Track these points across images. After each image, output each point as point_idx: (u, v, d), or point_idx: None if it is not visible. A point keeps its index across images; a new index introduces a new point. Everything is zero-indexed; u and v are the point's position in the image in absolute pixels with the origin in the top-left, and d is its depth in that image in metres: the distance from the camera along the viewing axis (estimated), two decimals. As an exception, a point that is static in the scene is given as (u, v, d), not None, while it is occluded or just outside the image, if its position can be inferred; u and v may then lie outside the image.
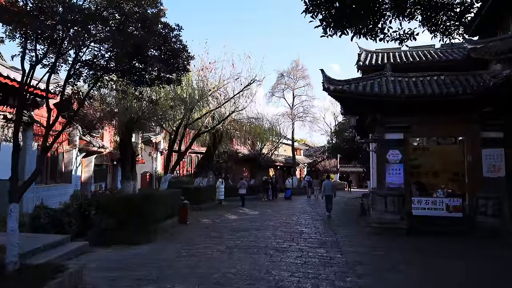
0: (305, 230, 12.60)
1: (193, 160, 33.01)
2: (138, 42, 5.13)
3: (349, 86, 12.12)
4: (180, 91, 10.62)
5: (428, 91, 11.59)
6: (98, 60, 6.09)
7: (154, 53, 5.93)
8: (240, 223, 14.48)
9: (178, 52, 5.98)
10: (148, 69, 6.04)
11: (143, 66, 5.96)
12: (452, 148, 14.70)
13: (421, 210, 12.12)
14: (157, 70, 6.07)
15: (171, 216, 13.22)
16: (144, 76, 6.08)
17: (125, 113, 9.71)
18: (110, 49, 5.78)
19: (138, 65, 5.93)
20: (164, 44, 5.72)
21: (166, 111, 11.19)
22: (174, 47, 5.87)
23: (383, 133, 12.52)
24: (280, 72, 37.40)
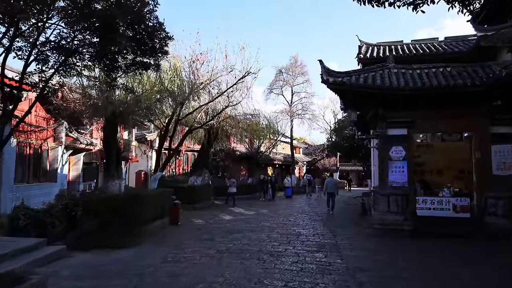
0: (303, 231, 11.86)
1: (189, 159, 32.25)
2: (105, 16, 4.38)
3: (349, 78, 11.37)
4: (168, 83, 9.85)
5: (434, 83, 10.85)
6: (67, 42, 5.33)
7: (127, 33, 5.18)
8: (235, 224, 13.74)
9: (154, 31, 5.24)
10: (122, 52, 5.30)
11: (116, 49, 5.21)
12: (457, 145, 13.97)
13: (426, 210, 11.37)
14: (131, 53, 5.32)
15: (161, 216, 12.48)
16: (117, 61, 5.34)
17: (107, 106, 8.97)
18: (78, 29, 5.02)
19: (110, 48, 5.18)
20: (137, 21, 4.96)
21: (153, 105, 10.42)
22: (149, 25, 5.12)
23: (386, 128, 11.78)
24: (279, 69, 36.70)
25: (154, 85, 9.65)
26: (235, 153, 31.55)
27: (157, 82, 9.49)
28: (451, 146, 14.17)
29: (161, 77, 9.28)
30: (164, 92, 9.76)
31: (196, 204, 18.55)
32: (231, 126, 19.37)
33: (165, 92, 9.72)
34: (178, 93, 10.35)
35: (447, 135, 14.66)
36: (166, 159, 13.73)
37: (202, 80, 12.37)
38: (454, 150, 13.63)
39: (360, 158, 36.01)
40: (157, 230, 11.67)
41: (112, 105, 9.06)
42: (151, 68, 6.20)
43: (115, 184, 10.37)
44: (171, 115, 12.57)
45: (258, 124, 20.01)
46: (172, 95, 10.00)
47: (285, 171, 40.93)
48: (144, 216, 10.67)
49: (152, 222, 11.50)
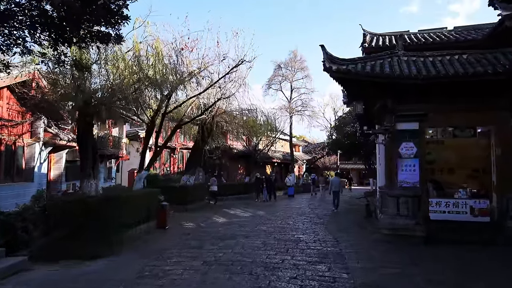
0: (303, 237, 10.67)
1: (185, 156, 31.09)
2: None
3: (355, 66, 10.17)
4: (150, 70, 8.62)
5: (450, 71, 9.65)
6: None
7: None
8: (228, 227, 12.55)
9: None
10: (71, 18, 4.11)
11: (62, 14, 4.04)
12: (470, 141, 12.71)
13: (440, 213, 10.22)
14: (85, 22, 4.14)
15: (146, 220, 11.31)
16: (65, 30, 4.17)
17: (77, 94, 7.78)
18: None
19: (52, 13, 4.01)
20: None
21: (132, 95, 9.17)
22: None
23: (395, 122, 10.59)
24: (277, 64, 35.51)
25: (133, 72, 8.44)
26: (232, 151, 30.36)
27: (136, 69, 8.29)
28: (464, 142, 12.90)
29: (140, 62, 8.08)
30: (145, 80, 8.55)
31: (189, 205, 17.39)
32: (227, 122, 18.14)
33: (145, 80, 8.51)
34: (163, 82, 9.15)
35: (459, 130, 13.39)
36: (153, 157, 12.53)
37: (191, 69, 11.17)
38: (467, 147, 12.42)
39: (361, 156, 34.84)
40: (140, 235, 10.50)
41: (84, 94, 7.86)
42: (112, 41, 5.02)
43: (90, 184, 9.18)
44: (157, 107, 11.38)
45: (256, 120, 18.77)
46: (155, 84, 8.80)
47: (284, 170, 39.75)
48: (124, 220, 9.48)
49: (134, 227, 10.33)
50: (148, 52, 8.42)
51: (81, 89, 7.87)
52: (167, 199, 17.01)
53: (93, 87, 8.43)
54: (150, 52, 8.50)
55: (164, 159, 29.57)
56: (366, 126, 11.93)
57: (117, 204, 8.93)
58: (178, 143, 29.47)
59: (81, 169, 9.38)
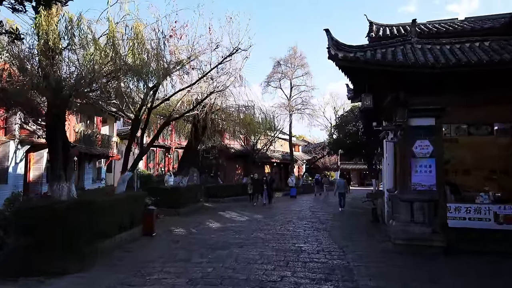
0: (305, 246, 9.49)
1: (180, 156, 29.85)
2: None
3: (364, 54, 8.99)
4: (129, 58, 7.37)
5: (472, 58, 8.49)
6: None
7: None
8: (221, 234, 11.37)
9: None
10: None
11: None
12: (487, 140, 11.56)
13: (460, 220, 9.06)
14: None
15: (129, 227, 10.14)
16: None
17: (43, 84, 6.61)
18: None
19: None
20: None
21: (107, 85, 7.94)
22: None
23: (408, 118, 9.41)
24: (277, 60, 34.29)
25: (108, 58, 7.20)
26: (229, 151, 29.14)
27: (111, 54, 7.04)
28: (480, 141, 11.70)
29: (115, 45, 6.83)
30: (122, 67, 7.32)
31: (181, 208, 16.18)
32: (222, 119, 16.93)
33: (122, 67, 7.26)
34: (145, 71, 7.96)
35: (474, 128, 12.25)
36: (138, 156, 11.33)
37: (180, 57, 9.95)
38: (483, 146, 11.24)
39: (363, 156, 33.68)
40: (121, 244, 9.31)
41: (48, 81, 6.66)
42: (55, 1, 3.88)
43: (61, 187, 7.97)
44: (141, 101, 10.18)
45: (253, 117, 17.55)
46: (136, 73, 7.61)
47: (284, 170, 38.57)
48: (101, 228, 8.29)
49: (115, 235, 9.14)
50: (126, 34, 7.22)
51: (47, 76, 6.69)
52: (158, 202, 15.87)
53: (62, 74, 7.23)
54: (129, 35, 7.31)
55: (159, 159, 28.37)
56: (375, 122, 10.78)
57: (91, 210, 7.73)
58: (173, 142, 28.26)
59: (51, 170, 8.17)
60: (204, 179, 26.33)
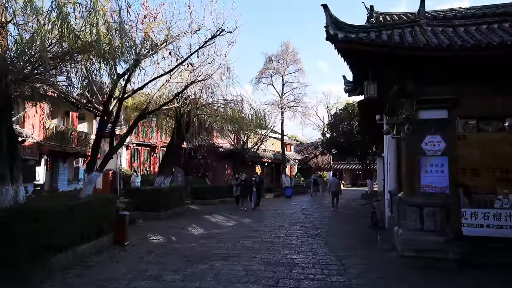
0: (298, 258, 8.19)
1: (166, 156, 28.42)
2: None
3: (367, 35, 7.73)
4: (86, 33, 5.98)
5: (493, 40, 7.29)
6: None
7: None
8: (204, 243, 10.04)
9: None
10: None
11: None
12: (499, 137, 10.37)
13: (477, 228, 7.86)
14: None
15: (95, 236, 8.77)
16: None
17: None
18: None
19: None
20: None
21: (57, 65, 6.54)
22: None
23: (417, 110, 8.20)
24: (268, 56, 33.00)
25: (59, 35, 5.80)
26: (218, 150, 27.78)
27: (64, 30, 5.66)
28: (491, 138, 10.52)
29: (67, 20, 5.43)
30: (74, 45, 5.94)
31: (163, 211, 14.81)
32: (208, 115, 15.58)
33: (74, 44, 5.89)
34: (109, 52, 6.62)
35: (484, 123, 11.06)
36: (107, 155, 9.97)
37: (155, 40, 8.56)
38: (495, 143, 10.03)
39: (357, 155, 32.65)
40: (83, 258, 7.94)
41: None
42: None
43: (6, 191, 6.59)
44: (109, 90, 8.80)
45: (242, 112, 16.24)
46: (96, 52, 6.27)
47: (275, 170, 37.30)
48: (55, 241, 6.91)
49: (75, 247, 7.76)
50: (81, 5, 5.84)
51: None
52: (137, 205, 14.53)
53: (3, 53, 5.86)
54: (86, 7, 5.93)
55: (144, 158, 26.95)
56: (378, 115, 9.58)
57: (39, 219, 6.36)
58: (159, 141, 26.84)
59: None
60: (191, 180, 24.93)
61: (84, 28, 6.00)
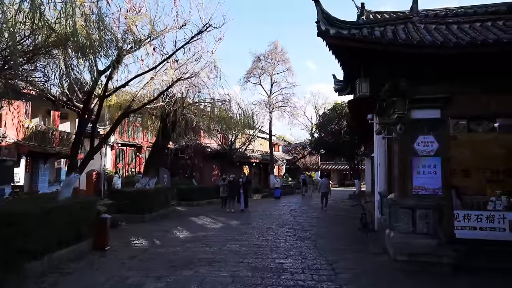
0: (287, 263, 7.88)
1: (152, 156, 27.83)
2: None
3: (359, 32, 7.46)
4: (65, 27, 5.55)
5: (489, 37, 7.09)
6: None
7: None
8: (189, 246, 9.66)
9: None
10: None
11: None
12: (489, 137, 10.24)
13: (470, 230, 7.68)
14: None
15: (74, 241, 8.32)
16: None
17: None
18: None
19: None
20: None
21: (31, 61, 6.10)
22: None
23: (409, 109, 7.97)
24: (257, 55, 32.67)
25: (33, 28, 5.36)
26: (205, 150, 27.36)
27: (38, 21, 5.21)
28: (481, 138, 10.40)
29: (38, 2, 5.00)
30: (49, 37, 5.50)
31: (147, 214, 14.36)
32: (195, 114, 15.17)
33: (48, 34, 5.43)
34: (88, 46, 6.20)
35: (475, 123, 10.92)
36: (88, 155, 9.51)
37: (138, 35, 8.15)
38: (485, 144, 9.89)
39: (345, 155, 32.57)
40: (60, 264, 7.49)
41: None
42: None
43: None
44: (90, 87, 8.35)
45: (230, 112, 15.87)
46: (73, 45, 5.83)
47: (263, 170, 36.99)
48: (29, 246, 6.46)
49: (51, 253, 7.32)
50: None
51: None
52: (120, 207, 14.04)
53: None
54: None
55: (129, 159, 26.34)
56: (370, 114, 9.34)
57: (12, 223, 5.93)
58: (145, 141, 26.27)
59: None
60: (177, 181, 24.44)
61: (60, 20, 5.57)
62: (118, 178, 19.34)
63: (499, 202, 7.92)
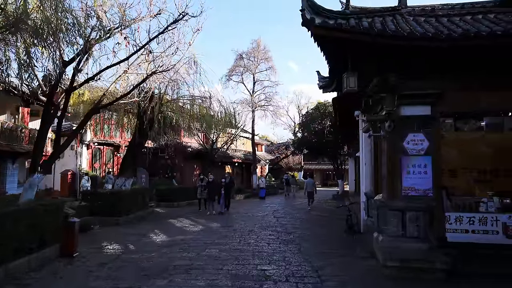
0: (270, 270, 7.33)
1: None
2: None
3: (347, 22, 6.99)
4: None
5: (481, 30, 6.72)
6: None
7: None
8: (165, 252, 9.02)
9: None
10: None
11: None
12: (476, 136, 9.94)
13: (462, 233, 7.31)
14: None
15: (37, 247, 7.58)
16: None
17: None
18: None
19: None
20: None
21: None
22: None
23: (398, 105, 7.55)
24: (239, 53, 32.08)
25: None
26: (186, 149, 26.63)
27: None
28: (468, 137, 10.09)
29: None
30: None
31: (123, 216, 13.61)
32: (173, 111, 14.49)
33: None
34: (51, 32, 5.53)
35: (462, 122, 10.61)
36: (53, 154, 8.75)
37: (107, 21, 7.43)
38: (472, 143, 9.58)
39: (328, 155, 32.31)
40: (19, 274, 6.77)
41: None
42: None
43: None
44: (55, 80, 7.59)
45: (210, 109, 15.25)
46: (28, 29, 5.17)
47: (246, 170, 36.41)
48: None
49: (7, 263, 6.58)
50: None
51: None
52: (94, 210, 13.29)
53: None
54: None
55: (106, 159, 25.38)
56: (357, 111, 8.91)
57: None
58: (123, 140, 25.35)
59: None
60: (157, 181, 23.66)
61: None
62: (86, 181, 18.54)
63: (492, 204, 7.57)
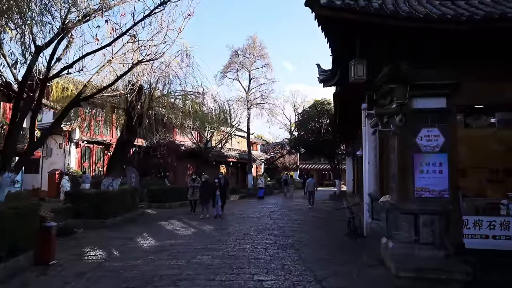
0: (267, 280, 6.55)
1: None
2: None
3: (355, 3, 6.22)
4: None
5: (508, 11, 5.99)
6: None
7: None
8: (152, 258, 8.21)
9: None
10: None
11: None
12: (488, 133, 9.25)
13: (482, 239, 6.59)
14: None
15: (7, 255, 6.75)
16: None
17: None
18: None
19: None
20: None
21: None
22: None
23: (410, 97, 6.82)
24: (234, 50, 31.26)
25: None
26: (179, 148, 25.78)
27: None
28: (479, 134, 9.39)
29: None
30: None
31: (110, 218, 12.77)
32: (164, 106, 13.68)
33: None
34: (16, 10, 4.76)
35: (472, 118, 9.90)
36: (26, 151, 7.92)
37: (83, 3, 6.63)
38: (483, 141, 8.89)
39: (325, 154, 31.63)
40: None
41: None
42: None
43: None
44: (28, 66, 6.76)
45: (203, 106, 14.46)
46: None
47: (241, 170, 35.61)
48: None
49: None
50: None
51: None
52: (79, 211, 12.46)
53: None
54: None
55: (96, 157, 24.52)
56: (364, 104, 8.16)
57: None
58: (114, 138, 24.43)
59: None
60: (149, 181, 22.80)
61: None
62: (67, 181, 17.69)
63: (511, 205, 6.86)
